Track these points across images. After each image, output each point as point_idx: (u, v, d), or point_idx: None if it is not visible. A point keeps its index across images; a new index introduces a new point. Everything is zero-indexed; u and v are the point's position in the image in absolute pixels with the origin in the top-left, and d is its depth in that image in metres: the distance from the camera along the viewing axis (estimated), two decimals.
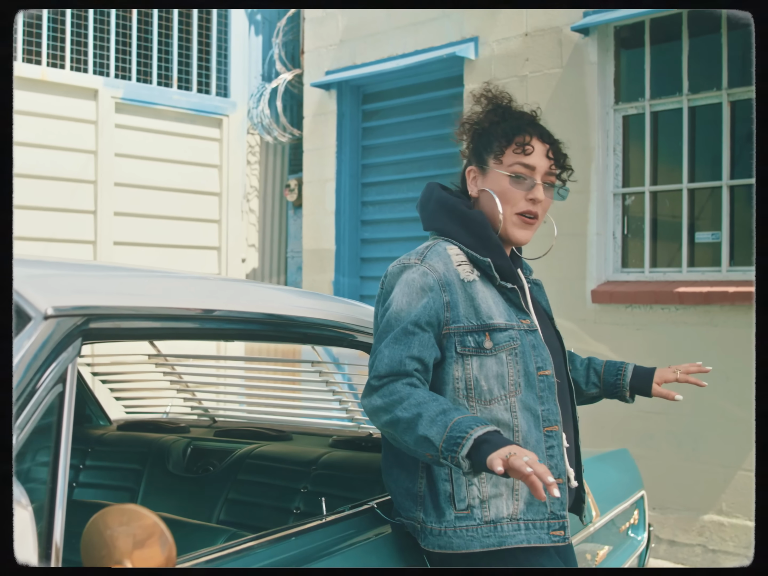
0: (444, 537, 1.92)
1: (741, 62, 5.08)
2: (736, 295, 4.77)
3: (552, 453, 1.99)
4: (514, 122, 2.05)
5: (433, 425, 1.75)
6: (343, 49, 6.94)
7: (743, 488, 4.84)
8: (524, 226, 2.04)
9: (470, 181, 2.09)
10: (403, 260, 2.02)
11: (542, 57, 5.68)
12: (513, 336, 1.97)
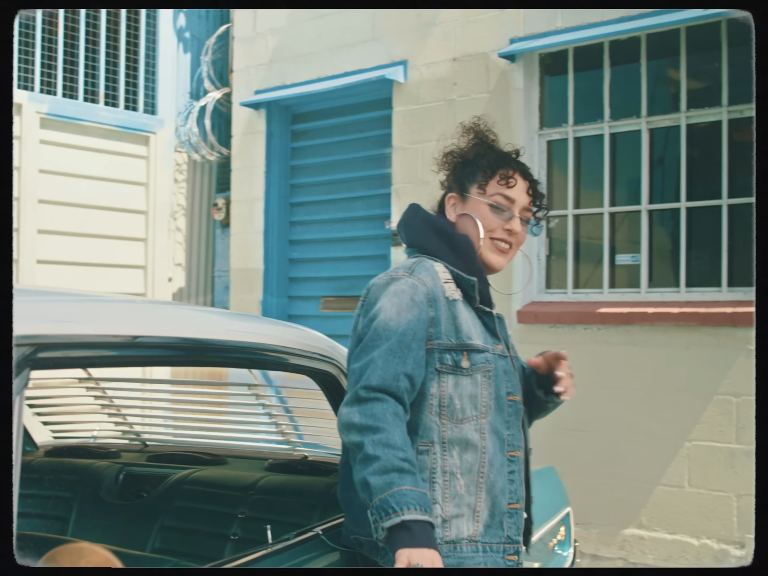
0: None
1: (659, 90, 5.26)
2: (655, 316, 4.92)
3: (512, 478, 2.03)
4: (500, 156, 2.13)
5: (382, 477, 1.76)
6: (273, 68, 6.95)
7: (663, 503, 4.98)
8: (498, 253, 2.10)
9: (449, 207, 2.14)
10: (390, 273, 2.02)
11: (470, 82, 5.79)
12: (489, 359, 2.01)
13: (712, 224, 5.05)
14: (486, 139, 2.16)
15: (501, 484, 1.99)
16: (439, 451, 1.95)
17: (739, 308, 4.70)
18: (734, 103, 4.93)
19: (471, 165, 2.12)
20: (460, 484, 1.94)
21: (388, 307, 1.94)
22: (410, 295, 1.95)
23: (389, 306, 1.94)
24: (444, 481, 1.94)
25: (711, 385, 4.81)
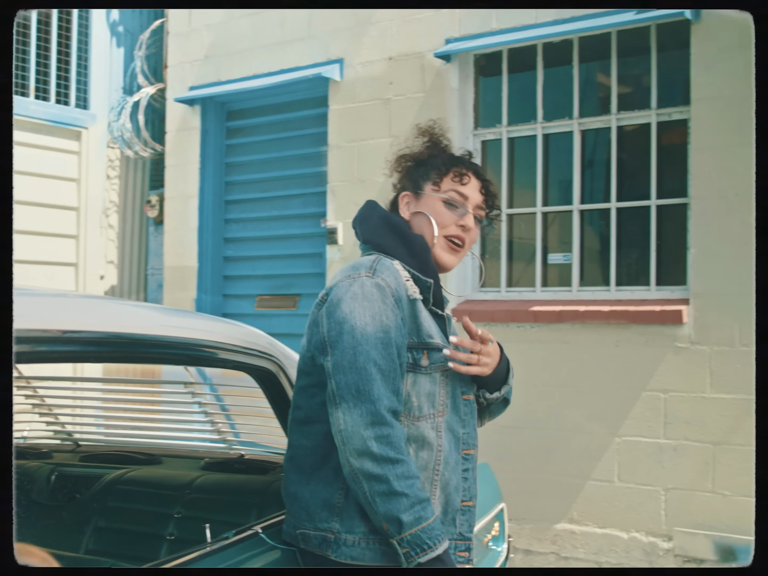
0: (357, 548, 1.92)
1: (591, 93, 5.35)
2: (586, 314, 5.01)
3: (467, 476, 2.06)
4: (454, 156, 2.15)
5: (410, 512, 1.82)
6: (208, 65, 6.89)
7: (593, 497, 5.07)
8: (450, 251, 2.11)
9: (403, 205, 2.14)
10: (351, 274, 1.98)
11: (405, 81, 5.81)
12: (447, 357, 2.01)
13: (641, 224, 5.16)
14: (439, 142, 2.18)
15: (455, 481, 2.02)
16: None
17: (667, 306, 4.81)
18: (663, 106, 5.04)
19: (425, 164, 2.13)
20: (420, 480, 1.93)
21: (360, 312, 1.91)
22: (380, 298, 1.93)
23: (361, 310, 1.91)
24: None
25: (640, 381, 4.91)
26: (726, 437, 4.68)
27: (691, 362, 4.77)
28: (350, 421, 1.84)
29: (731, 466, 4.67)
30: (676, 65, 5.01)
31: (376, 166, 5.87)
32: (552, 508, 5.22)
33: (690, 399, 4.78)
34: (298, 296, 6.52)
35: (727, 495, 4.68)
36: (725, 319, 4.67)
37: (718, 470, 4.71)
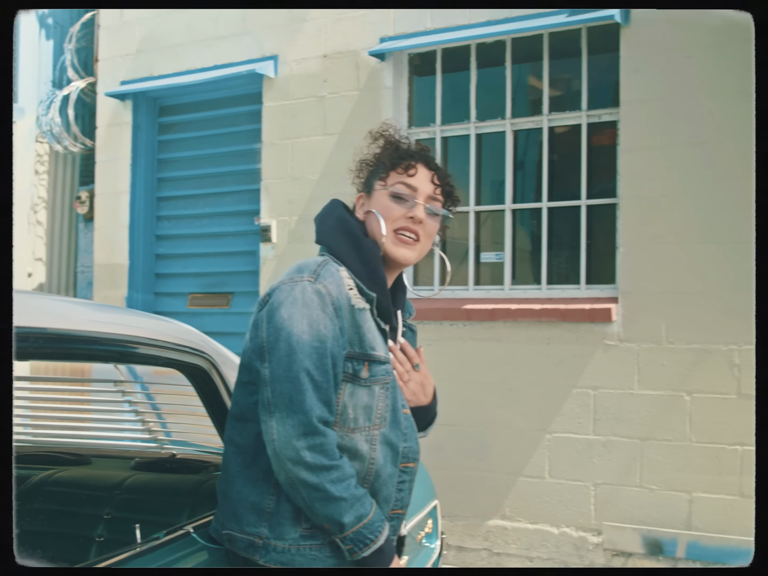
0: (287, 554, 1.92)
1: (523, 93, 5.42)
2: (518, 312, 5.07)
3: (402, 487, 2.05)
4: (402, 150, 2.12)
5: (350, 513, 1.86)
6: (140, 59, 6.78)
7: (524, 493, 5.14)
8: (402, 245, 2.04)
9: (358, 207, 2.13)
10: (294, 276, 1.95)
11: (340, 79, 5.81)
12: (389, 370, 2.00)
13: (572, 224, 5.24)
14: (393, 140, 2.15)
15: (385, 493, 2.01)
16: None
17: (596, 305, 4.90)
18: (593, 107, 5.13)
19: (375, 165, 2.13)
20: (355, 478, 1.94)
21: (299, 318, 1.88)
22: (320, 305, 1.90)
23: (299, 317, 1.88)
24: None
25: (570, 378, 4.99)
26: (653, 433, 4.78)
27: (619, 359, 4.86)
28: (283, 432, 1.84)
29: (658, 461, 4.77)
30: (606, 68, 5.10)
31: (310, 164, 5.86)
32: (484, 504, 5.27)
33: (618, 395, 4.87)
34: (231, 294, 6.47)
35: (654, 489, 4.78)
36: (652, 317, 4.77)
37: (646, 465, 4.81)
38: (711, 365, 4.63)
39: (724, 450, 4.61)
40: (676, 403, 4.72)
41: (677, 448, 4.73)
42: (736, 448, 4.58)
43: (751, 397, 4.47)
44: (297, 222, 5.91)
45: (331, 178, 5.72)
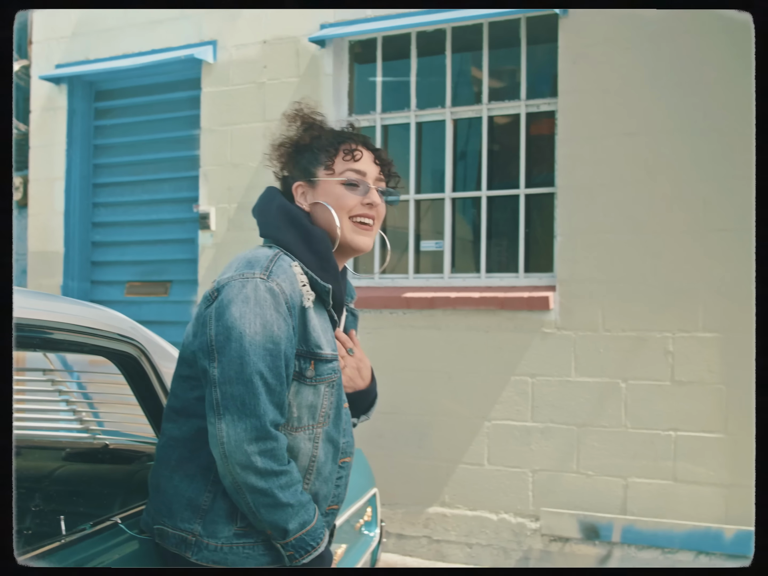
0: (220, 553, 1.90)
1: (463, 82, 5.44)
2: (457, 300, 5.10)
3: (339, 483, 2.05)
4: (337, 132, 2.06)
5: (295, 520, 1.85)
6: (76, 42, 6.66)
7: (464, 480, 5.18)
8: (362, 232, 2.01)
9: (299, 196, 2.04)
10: (245, 272, 1.87)
11: (280, 65, 5.77)
12: (335, 368, 1.97)
13: (511, 213, 5.29)
14: (315, 121, 2.09)
15: (325, 491, 2.00)
16: None
17: (534, 293, 4.95)
18: (532, 97, 5.17)
19: (310, 149, 2.03)
20: (300, 484, 1.92)
21: (251, 318, 1.82)
22: (273, 305, 1.84)
23: (252, 317, 1.82)
24: None
25: (508, 366, 5.04)
26: (590, 419, 4.86)
27: (557, 347, 4.93)
28: (234, 435, 1.80)
29: (594, 448, 4.85)
30: (545, 58, 5.15)
31: (249, 151, 5.81)
32: (424, 492, 5.31)
33: (556, 383, 4.94)
34: (170, 283, 6.40)
35: (591, 475, 4.86)
36: (589, 305, 4.84)
37: (582, 452, 4.88)
38: (646, 353, 4.72)
39: (658, 436, 4.71)
40: (612, 390, 4.80)
41: (613, 435, 4.81)
42: (670, 433, 4.68)
43: (685, 384, 4.58)
44: (236, 209, 5.87)
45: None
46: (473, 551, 5.18)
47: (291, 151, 2.07)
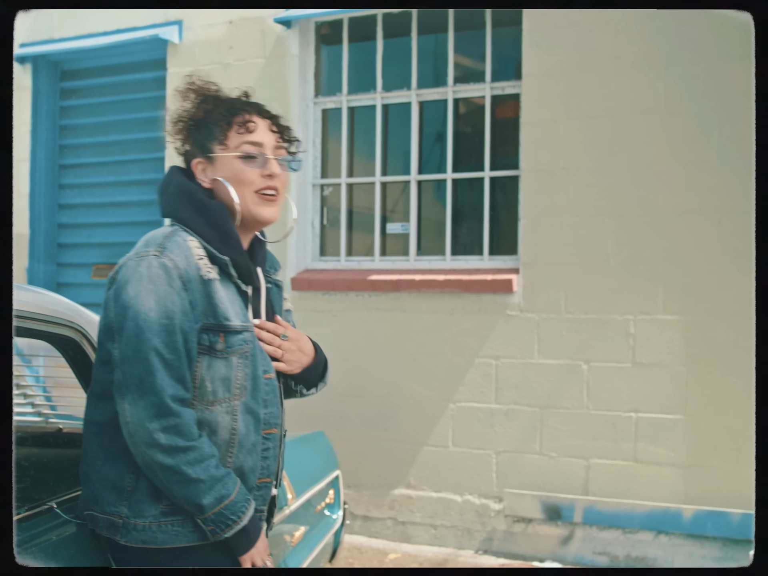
0: (148, 532, 1.91)
1: (430, 65, 5.47)
2: (422, 283, 5.16)
3: (267, 455, 2.03)
4: (229, 104, 2.03)
5: (210, 494, 1.87)
6: (40, 21, 6.62)
7: (428, 463, 5.25)
8: (266, 203, 2.00)
9: (199, 173, 2.03)
10: (140, 251, 1.90)
11: (245, 46, 5.78)
12: (247, 339, 1.96)
13: (476, 196, 5.33)
14: (209, 92, 2.06)
15: (251, 463, 2.00)
16: None
17: (498, 276, 5.01)
18: (497, 80, 5.21)
19: (204, 124, 2.02)
20: (215, 458, 1.92)
21: (145, 296, 1.85)
22: (166, 280, 1.86)
23: (146, 294, 1.85)
24: None
25: (473, 348, 5.11)
26: (552, 401, 4.93)
27: (520, 329, 4.99)
28: (135, 414, 1.83)
29: (557, 429, 4.93)
30: (510, 41, 5.18)
31: None
32: (389, 474, 5.38)
33: (519, 365, 5.00)
34: None
35: (553, 456, 4.94)
36: (552, 287, 4.91)
37: (545, 433, 4.96)
38: (607, 335, 4.79)
39: (619, 417, 4.79)
40: (574, 372, 4.87)
41: (575, 416, 4.89)
42: (631, 415, 4.76)
43: (645, 366, 4.66)
44: None
45: None
46: (438, 533, 5.26)
47: (188, 126, 2.05)
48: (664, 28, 4.68)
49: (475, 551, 5.14)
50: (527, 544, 5.00)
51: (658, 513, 4.67)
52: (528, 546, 5.00)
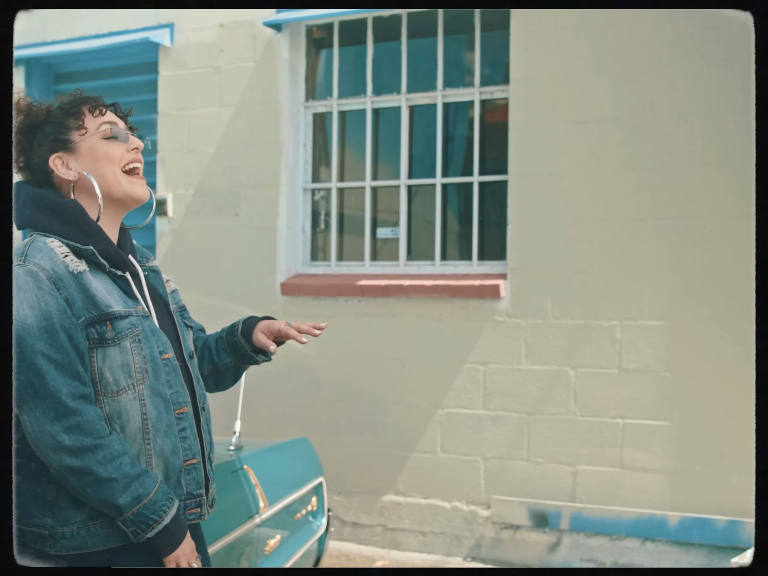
0: (78, 538, 1.97)
1: (419, 68, 5.71)
2: (411, 288, 5.39)
3: (185, 435, 2.11)
4: (71, 98, 2.16)
5: (126, 494, 1.92)
6: (32, 22, 6.88)
7: (417, 469, 5.48)
8: (137, 181, 2.14)
9: (61, 167, 2.11)
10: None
11: (236, 49, 6.03)
12: (134, 323, 2.04)
13: (465, 200, 5.57)
14: (32, 102, 2.15)
15: (171, 444, 2.07)
16: None
17: (486, 281, 5.24)
18: (486, 84, 5.45)
19: (50, 123, 2.12)
20: (129, 456, 1.98)
21: (19, 305, 1.92)
22: (34, 285, 1.94)
23: (18, 303, 1.92)
24: None
25: (461, 354, 5.33)
26: (540, 407, 5.15)
27: (508, 335, 5.22)
28: (35, 420, 1.89)
29: (544, 435, 5.15)
30: (499, 45, 5.41)
31: (206, 136, 6.08)
32: (378, 480, 5.61)
33: (507, 371, 5.23)
34: None
35: (541, 462, 5.16)
36: (539, 293, 5.13)
37: (533, 439, 5.18)
38: (594, 341, 5.01)
39: (606, 423, 5.00)
40: (561, 377, 5.09)
41: (562, 422, 5.11)
42: (618, 421, 4.97)
43: (632, 372, 4.88)
44: (193, 195, 6.14)
45: (226, 150, 5.96)
46: (427, 539, 5.49)
47: (25, 133, 2.13)
48: (651, 32, 4.90)
49: (464, 558, 5.36)
50: (515, 550, 5.22)
51: (645, 520, 4.88)
52: (516, 553, 5.22)
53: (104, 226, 2.13)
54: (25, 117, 2.12)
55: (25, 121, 2.12)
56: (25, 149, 2.13)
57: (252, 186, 5.89)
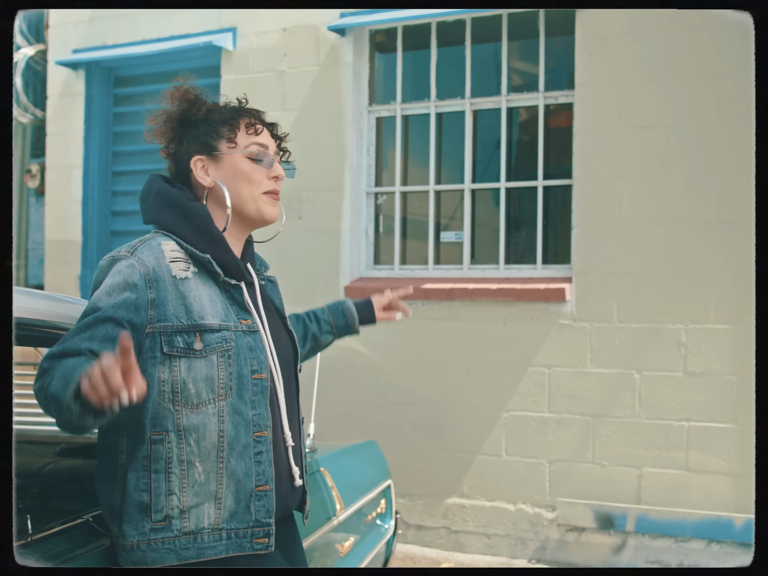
0: (137, 552, 2.03)
1: (483, 73, 6.14)
2: (475, 292, 5.83)
3: (260, 459, 2.14)
4: (235, 107, 2.30)
5: (61, 382, 1.88)
6: (93, 27, 7.34)
7: (482, 471, 5.92)
8: (272, 203, 2.25)
9: (199, 170, 2.23)
10: (114, 253, 2.12)
11: (300, 54, 6.49)
12: (227, 337, 2.11)
13: (530, 204, 6.00)
14: (200, 95, 2.33)
15: (245, 467, 2.11)
16: (175, 439, 2.06)
17: (551, 285, 5.67)
18: (550, 89, 5.88)
19: (206, 123, 2.25)
20: (199, 471, 2.06)
21: (101, 289, 2.06)
22: (125, 276, 2.05)
23: (102, 288, 2.06)
24: (181, 470, 2.06)
25: (525, 357, 5.77)
26: (605, 410, 5.57)
27: (573, 338, 5.64)
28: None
29: (609, 438, 5.57)
30: (563, 50, 5.84)
31: None
32: (443, 483, 6.04)
33: (572, 374, 5.65)
34: None
35: (606, 465, 5.58)
36: (604, 296, 5.55)
37: (598, 442, 5.60)
38: (659, 344, 5.42)
39: (671, 426, 5.41)
40: (627, 380, 5.51)
41: (627, 425, 5.52)
42: (683, 424, 5.38)
43: (697, 375, 5.28)
44: None
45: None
46: (491, 542, 5.92)
47: (182, 124, 2.28)
48: (715, 34, 5.29)
49: (528, 560, 5.80)
50: (580, 553, 5.64)
51: (710, 521, 5.28)
52: (581, 555, 5.64)
53: (230, 236, 2.23)
54: (188, 108, 2.28)
55: (187, 111, 2.28)
56: (177, 138, 2.28)
57: (315, 190, 6.34)
